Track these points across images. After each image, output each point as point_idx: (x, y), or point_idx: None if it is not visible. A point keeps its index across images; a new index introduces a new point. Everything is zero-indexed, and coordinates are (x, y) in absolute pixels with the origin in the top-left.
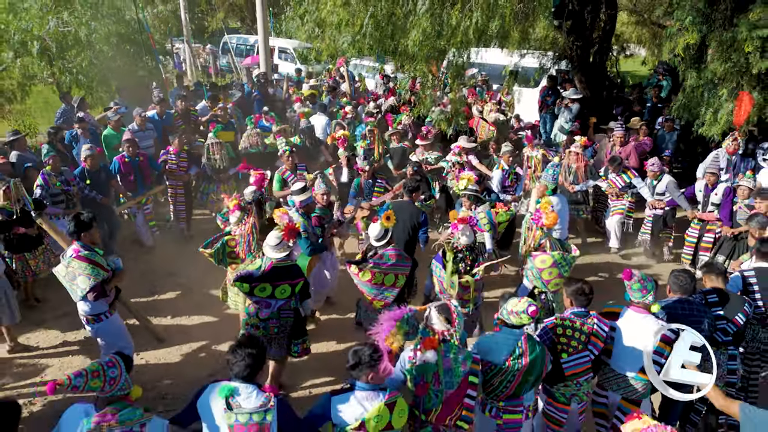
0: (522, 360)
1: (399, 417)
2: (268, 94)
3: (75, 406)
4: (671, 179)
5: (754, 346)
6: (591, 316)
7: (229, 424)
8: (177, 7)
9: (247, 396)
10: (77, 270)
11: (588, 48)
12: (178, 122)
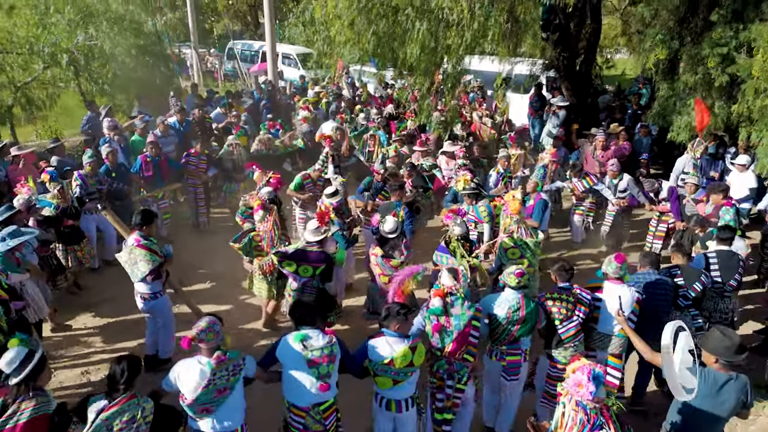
0: (519, 313)
1: (418, 357)
2: (276, 101)
3: (186, 360)
4: (630, 178)
5: (716, 315)
6: (574, 288)
7: (308, 358)
8: (185, 15)
9: (316, 337)
10: (138, 256)
11: (574, 58)
12: (196, 129)
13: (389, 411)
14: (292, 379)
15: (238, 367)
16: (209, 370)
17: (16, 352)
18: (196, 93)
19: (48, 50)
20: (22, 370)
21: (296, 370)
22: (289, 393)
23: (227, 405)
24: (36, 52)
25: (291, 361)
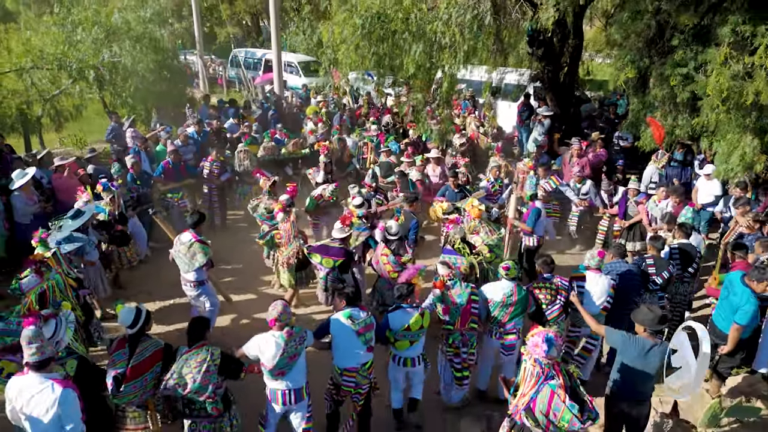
0: (513, 298)
1: (426, 321)
2: (282, 111)
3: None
4: (592, 182)
5: (677, 297)
6: (555, 277)
7: (356, 330)
8: (190, 24)
9: (358, 313)
10: (196, 250)
11: (558, 71)
12: (213, 139)
13: (405, 367)
14: (344, 348)
15: (302, 338)
16: (283, 342)
17: (127, 311)
18: (208, 103)
19: (75, 66)
20: (137, 323)
21: (348, 340)
22: (341, 360)
23: (296, 368)
24: (64, 68)
25: (343, 333)
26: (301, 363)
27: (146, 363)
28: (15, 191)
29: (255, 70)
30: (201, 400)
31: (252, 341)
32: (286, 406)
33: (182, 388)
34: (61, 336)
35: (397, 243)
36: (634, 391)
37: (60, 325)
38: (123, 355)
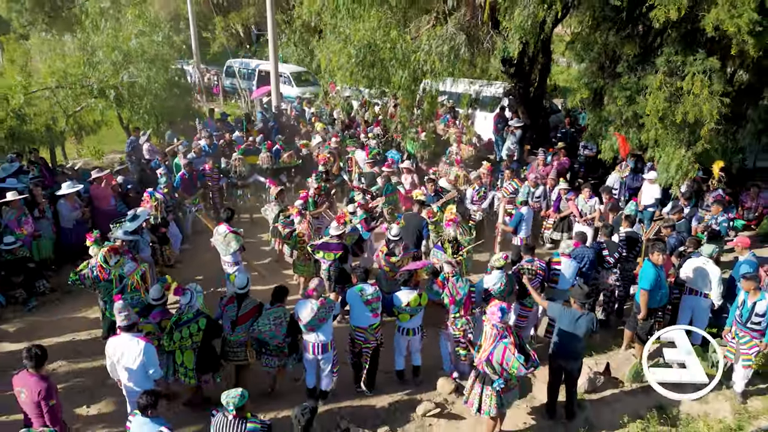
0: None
1: (424, 300)
2: (281, 123)
3: (303, 301)
4: (543, 188)
5: (625, 273)
6: (536, 260)
7: (365, 300)
8: (187, 37)
9: (367, 288)
10: (231, 239)
11: (528, 87)
12: (225, 150)
13: (407, 336)
14: (356, 312)
15: (331, 308)
16: (316, 308)
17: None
18: (213, 116)
19: (96, 86)
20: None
21: (359, 306)
22: (355, 320)
23: (324, 328)
24: (85, 87)
25: (356, 301)
26: (329, 325)
27: (248, 314)
28: (61, 200)
29: (249, 80)
30: (274, 344)
31: (296, 305)
32: (315, 354)
33: (262, 333)
34: (194, 302)
35: (394, 243)
36: (568, 350)
37: (193, 295)
38: (234, 308)
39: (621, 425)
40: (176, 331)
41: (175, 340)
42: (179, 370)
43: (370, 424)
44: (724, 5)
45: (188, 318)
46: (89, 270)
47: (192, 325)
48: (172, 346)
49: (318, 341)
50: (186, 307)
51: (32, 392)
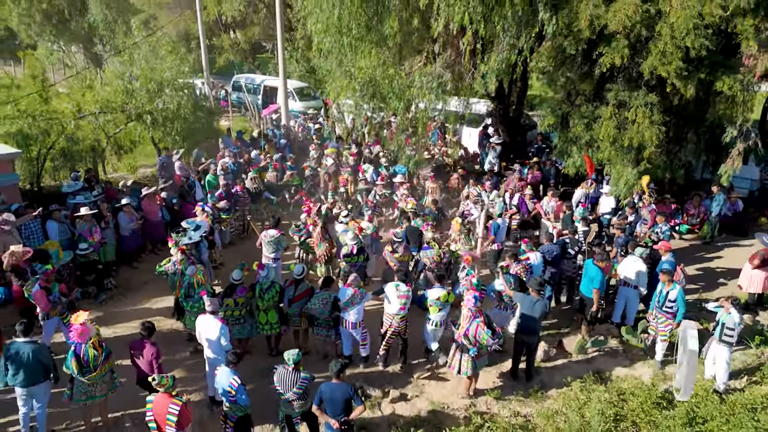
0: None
1: (451, 298)
2: (291, 140)
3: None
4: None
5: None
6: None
7: (398, 295)
8: (198, 55)
9: (402, 286)
10: (280, 239)
11: (507, 108)
12: (246, 167)
13: (435, 327)
14: (389, 301)
15: (362, 296)
16: (350, 294)
17: (299, 268)
18: (229, 135)
19: (134, 112)
20: (302, 274)
21: (392, 297)
22: (388, 307)
23: (356, 310)
24: (124, 112)
25: (391, 294)
26: (360, 308)
27: (301, 295)
28: (120, 212)
29: (255, 95)
30: (322, 319)
31: (340, 290)
32: (347, 329)
33: (312, 310)
34: (270, 275)
35: (397, 243)
36: (527, 328)
37: (270, 269)
38: (292, 289)
39: (566, 384)
40: (265, 294)
41: (266, 300)
42: (264, 327)
43: (377, 384)
44: (657, 55)
45: (267, 286)
46: (171, 265)
47: (272, 290)
48: (264, 305)
49: (349, 319)
50: (263, 279)
51: (147, 354)
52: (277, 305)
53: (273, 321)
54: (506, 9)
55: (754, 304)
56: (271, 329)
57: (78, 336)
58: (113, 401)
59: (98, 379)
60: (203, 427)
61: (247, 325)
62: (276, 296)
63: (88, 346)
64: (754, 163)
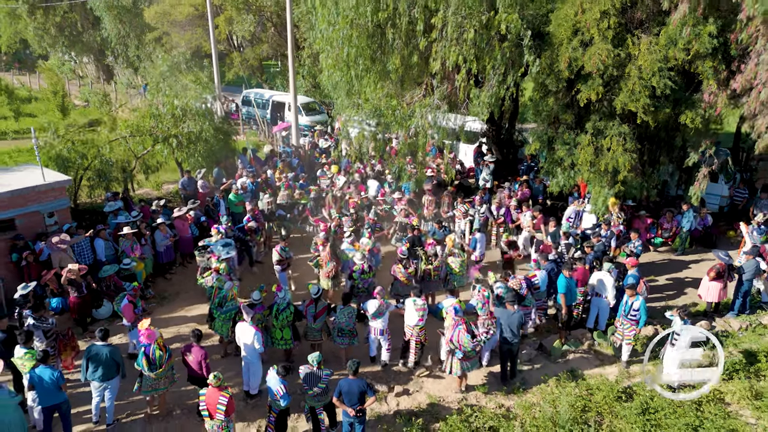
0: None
1: (463, 306)
2: (302, 159)
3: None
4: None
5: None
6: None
7: (416, 308)
8: (211, 73)
9: (419, 300)
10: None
11: (500, 130)
12: (263, 186)
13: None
14: (408, 312)
15: (387, 306)
16: (377, 305)
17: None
18: (246, 153)
19: (161, 135)
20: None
21: (411, 309)
22: (407, 319)
23: (382, 318)
24: (151, 135)
25: (410, 307)
26: (385, 317)
27: (321, 311)
28: (156, 230)
29: (264, 109)
30: (347, 330)
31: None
32: (374, 336)
33: (340, 323)
34: (287, 297)
35: (405, 260)
36: (508, 339)
37: (287, 292)
38: (313, 307)
39: (544, 381)
40: (280, 315)
41: (281, 320)
42: (279, 342)
43: (384, 381)
44: (627, 93)
45: (284, 307)
46: (210, 278)
47: (287, 311)
48: (279, 324)
49: (377, 327)
50: (281, 299)
51: (196, 356)
52: (292, 324)
53: (287, 337)
54: (495, 52)
55: (712, 312)
56: (285, 344)
57: (147, 338)
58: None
59: (162, 375)
60: (241, 416)
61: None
62: (290, 316)
63: (155, 347)
64: (724, 181)
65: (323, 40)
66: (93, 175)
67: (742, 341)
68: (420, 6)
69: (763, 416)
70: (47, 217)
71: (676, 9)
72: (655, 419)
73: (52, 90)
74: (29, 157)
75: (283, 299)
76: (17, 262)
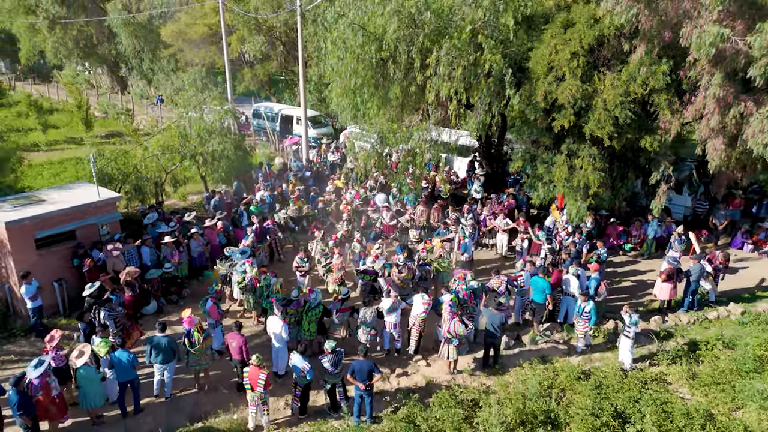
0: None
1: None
2: (313, 172)
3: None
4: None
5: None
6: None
7: (423, 302)
8: (224, 89)
9: (426, 296)
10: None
11: (490, 145)
12: (279, 199)
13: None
14: (416, 306)
15: (400, 303)
16: (391, 302)
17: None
18: (262, 167)
19: (189, 153)
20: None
21: (418, 305)
22: (414, 311)
23: (395, 313)
24: (180, 153)
25: (417, 302)
26: (398, 313)
27: (345, 309)
28: (191, 239)
29: (273, 122)
30: (369, 326)
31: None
32: (388, 329)
33: (367, 322)
34: (318, 297)
35: (402, 266)
36: (490, 333)
37: (318, 293)
38: (339, 304)
39: (519, 365)
40: (311, 312)
41: (310, 316)
42: (306, 333)
43: (387, 365)
44: (594, 121)
45: (314, 305)
46: (246, 280)
47: (317, 309)
48: (308, 319)
49: (391, 321)
50: (313, 299)
51: (238, 342)
52: (319, 320)
53: (313, 330)
54: (482, 86)
55: (665, 308)
56: (310, 336)
57: (188, 324)
58: (214, 375)
59: (201, 352)
60: (270, 392)
61: (294, 330)
62: (318, 314)
63: (195, 330)
64: (687, 193)
65: (333, 72)
66: (130, 188)
67: (689, 333)
68: (417, 46)
69: (697, 393)
70: (101, 228)
71: (635, 50)
72: (605, 393)
73: (76, 104)
74: (59, 168)
75: (314, 299)
76: (78, 267)
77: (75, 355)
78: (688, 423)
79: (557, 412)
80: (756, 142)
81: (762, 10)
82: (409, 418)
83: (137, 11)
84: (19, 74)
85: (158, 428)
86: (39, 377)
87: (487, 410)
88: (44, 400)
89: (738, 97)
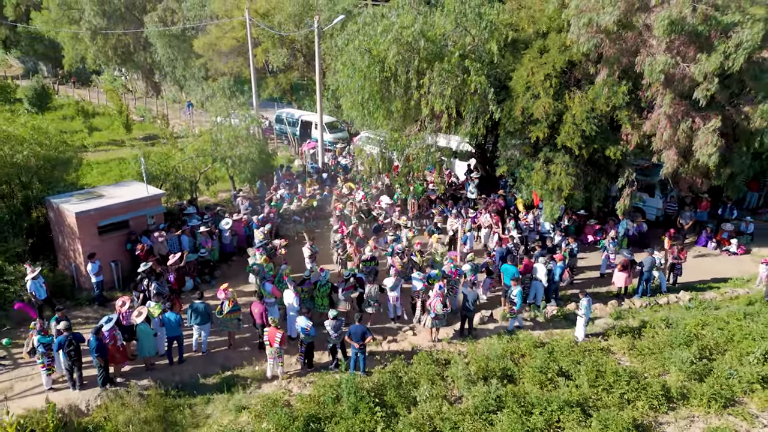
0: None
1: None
2: (330, 174)
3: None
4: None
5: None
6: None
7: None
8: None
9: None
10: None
11: (484, 151)
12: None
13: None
14: (415, 283)
15: (401, 280)
16: (393, 281)
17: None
18: (282, 168)
19: (219, 156)
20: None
21: (417, 282)
22: (415, 286)
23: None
24: (211, 156)
25: (417, 279)
26: (398, 289)
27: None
28: (223, 229)
29: (294, 127)
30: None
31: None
32: (392, 302)
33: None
34: (327, 276)
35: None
36: (466, 308)
37: (327, 273)
38: (344, 284)
39: (490, 337)
40: (321, 288)
41: (321, 291)
42: (319, 307)
43: (380, 332)
44: (564, 133)
45: (324, 283)
46: (256, 267)
47: (326, 286)
48: (320, 294)
49: (393, 295)
50: (323, 278)
51: (259, 309)
52: (329, 295)
53: (325, 304)
54: (469, 103)
55: (622, 294)
56: (323, 309)
57: (224, 294)
58: (240, 338)
59: (228, 321)
60: (286, 350)
61: (307, 302)
62: (328, 290)
63: (227, 301)
64: (659, 196)
65: (344, 88)
66: (170, 186)
67: (641, 315)
68: (414, 68)
69: (634, 360)
70: (149, 219)
71: (599, 73)
72: (554, 357)
73: (117, 109)
74: (105, 168)
75: (324, 278)
76: (131, 251)
77: (135, 315)
78: (616, 380)
79: (513, 370)
80: (702, 153)
81: (708, 39)
82: (394, 372)
83: (172, 24)
84: (61, 78)
85: (197, 374)
86: (109, 330)
87: (455, 367)
88: (112, 348)
89: (688, 113)
